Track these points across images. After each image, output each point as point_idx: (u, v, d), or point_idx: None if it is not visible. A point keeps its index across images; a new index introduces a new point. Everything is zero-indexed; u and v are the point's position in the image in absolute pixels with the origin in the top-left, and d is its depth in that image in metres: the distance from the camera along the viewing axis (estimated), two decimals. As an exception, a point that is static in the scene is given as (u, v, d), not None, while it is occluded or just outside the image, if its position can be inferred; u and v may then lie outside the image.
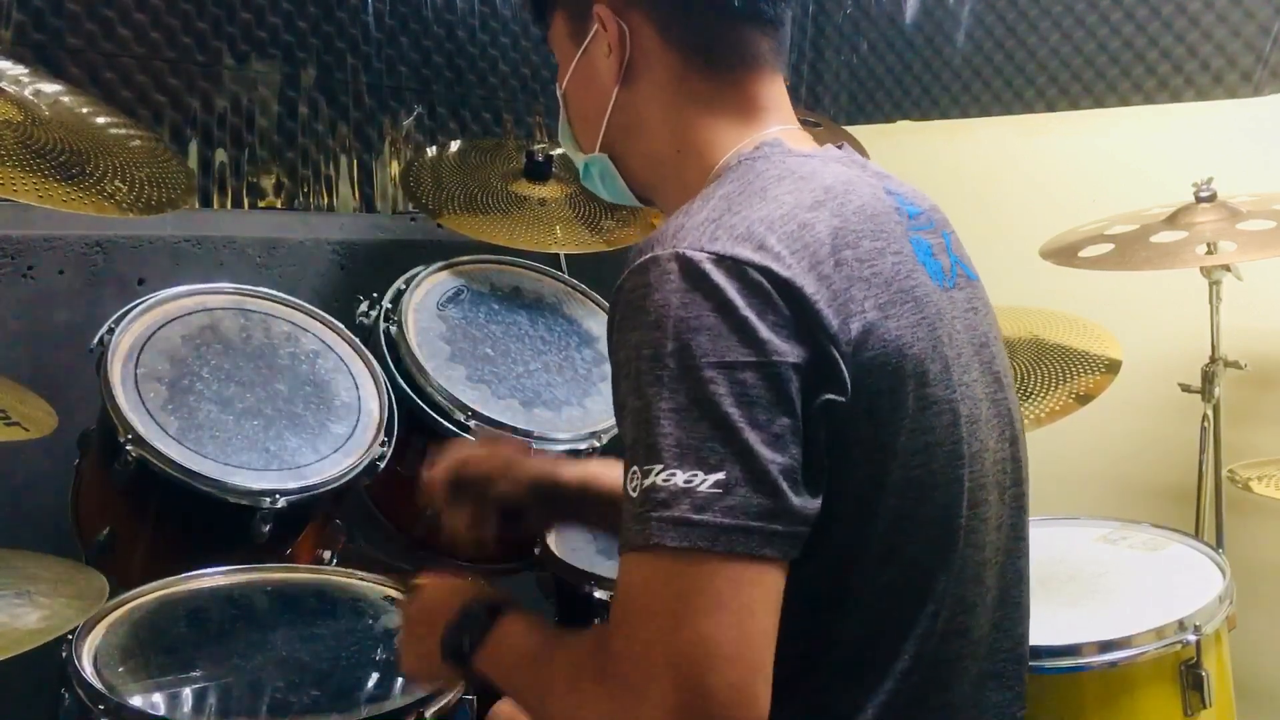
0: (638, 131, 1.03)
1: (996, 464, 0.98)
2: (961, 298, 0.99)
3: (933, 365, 0.90)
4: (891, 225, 0.94)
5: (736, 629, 0.77)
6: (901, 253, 0.93)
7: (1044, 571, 1.52)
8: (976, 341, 0.99)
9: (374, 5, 2.35)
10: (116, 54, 2.00)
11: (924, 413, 0.89)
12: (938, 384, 0.90)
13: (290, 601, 1.44)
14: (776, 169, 0.93)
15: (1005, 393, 1.02)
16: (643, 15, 0.99)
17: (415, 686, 1.23)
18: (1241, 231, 1.78)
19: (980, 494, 0.95)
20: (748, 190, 0.90)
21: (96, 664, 1.23)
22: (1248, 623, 1.66)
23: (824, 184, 0.92)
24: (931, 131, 2.76)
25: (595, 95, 1.04)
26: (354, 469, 1.64)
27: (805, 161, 0.96)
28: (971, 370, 0.96)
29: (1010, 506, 1.01)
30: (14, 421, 1.35)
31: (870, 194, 0.95)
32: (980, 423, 0.95)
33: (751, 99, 1.01)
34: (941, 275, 0.98)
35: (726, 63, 1.00)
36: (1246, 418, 2.18)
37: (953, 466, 0.91)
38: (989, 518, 0.96)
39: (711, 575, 0.78)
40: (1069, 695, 1.32)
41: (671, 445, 0.79)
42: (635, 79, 1.01)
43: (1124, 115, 2.46)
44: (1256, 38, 2.32)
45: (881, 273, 0.89)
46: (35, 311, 1.86)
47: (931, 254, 0.98)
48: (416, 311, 1.89)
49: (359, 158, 2.37)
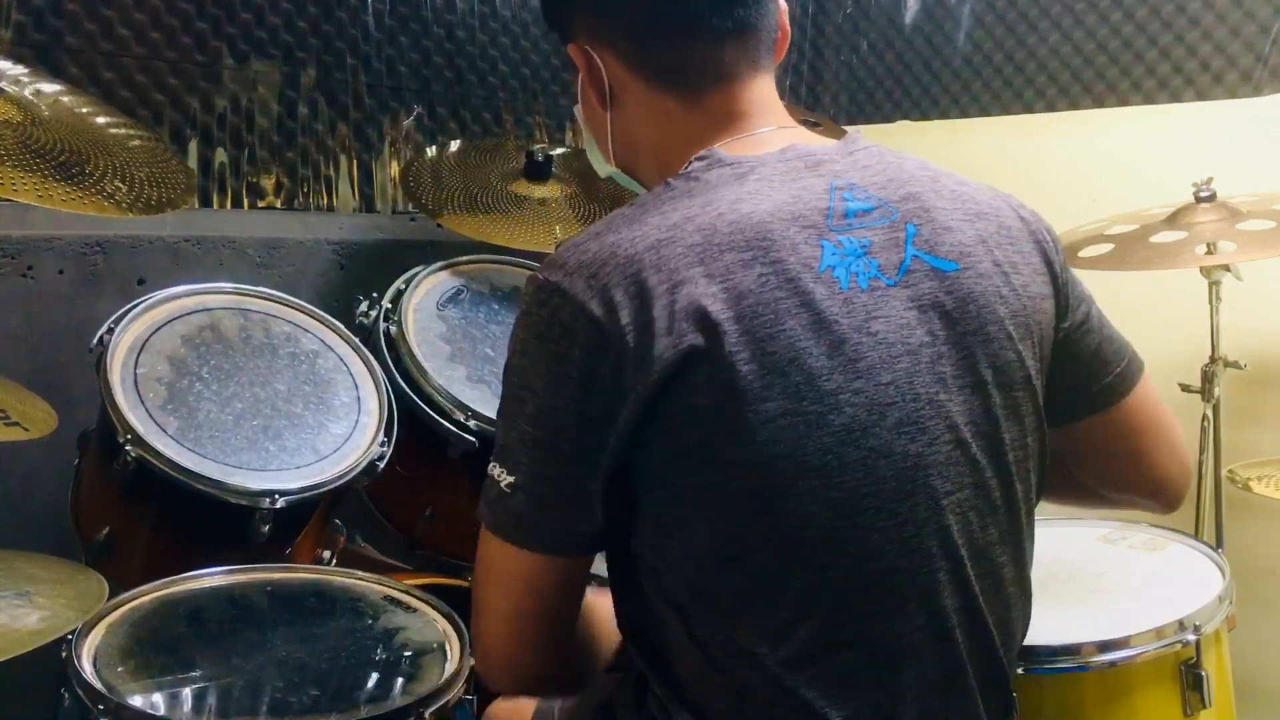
0: (637, 150, 1.09)
1: (922, 468, 0.94)
2: (904, 295, 0.95)
3: (780, 378, 0.89)
4: (782, 235, 0.92)
5: (507, 600, 1.00)
6: (781, 263, 0.91)
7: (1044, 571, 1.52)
8: (917, 340, 0.94)
9: (374, 5, 2.35)
10: (116, 54, 2.00)
11: (766, 425, 0.89)
12: (787, 395, 0.89)
13: (290, 601, 1.44)
14: (678, 188, 0.97)
15: (969, 391, 0.96)
16: (605, 48, 1.04)
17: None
18: (1241, 231, 1.78)
19: (866, 503, 0.92)
20: (630, 211, 0.96)
21: (96, 664, 1.23)
22: (1248, 623, 1.66)
23: (707, 199, 0.94)
24: (931, 131, 2.76)
25: (595, 119, 1.10)
26: (354, 469, 1.64)
27: (719, 174, 0.97)
28: (883, 373, 0.92)
29: (957, 512, 0.96)
30: (14, 422, 1.35)
31: (773, 205, 0.94)
32: (884, 428, 0.92)
33: (726, 109, 1.03)
34: (879, 273, 0.94)
35: (693, 80, 1.03)
36: (1246, 418, 2.18)
37: (806, 477, 0.90)
38: (889, 527, 0.93)
39: (502, 555, 0.98)
40: (1068, 695, 1.32)
41: (500, 441, 0.96)
42: (620, 104, 1.07)
43: (1124, 115, 2.46)
44: (1256, 38, 2.32)
45: (736, 286, 0.90)
46: (35, 311, 1.87)
47: (864, 253, 0.95)
48: (416, 311, 1.89)
49: (359, 158, 2.37)
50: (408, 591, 1.47)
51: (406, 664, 1.32)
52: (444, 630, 1.38)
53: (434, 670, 1.29)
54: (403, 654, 1.34)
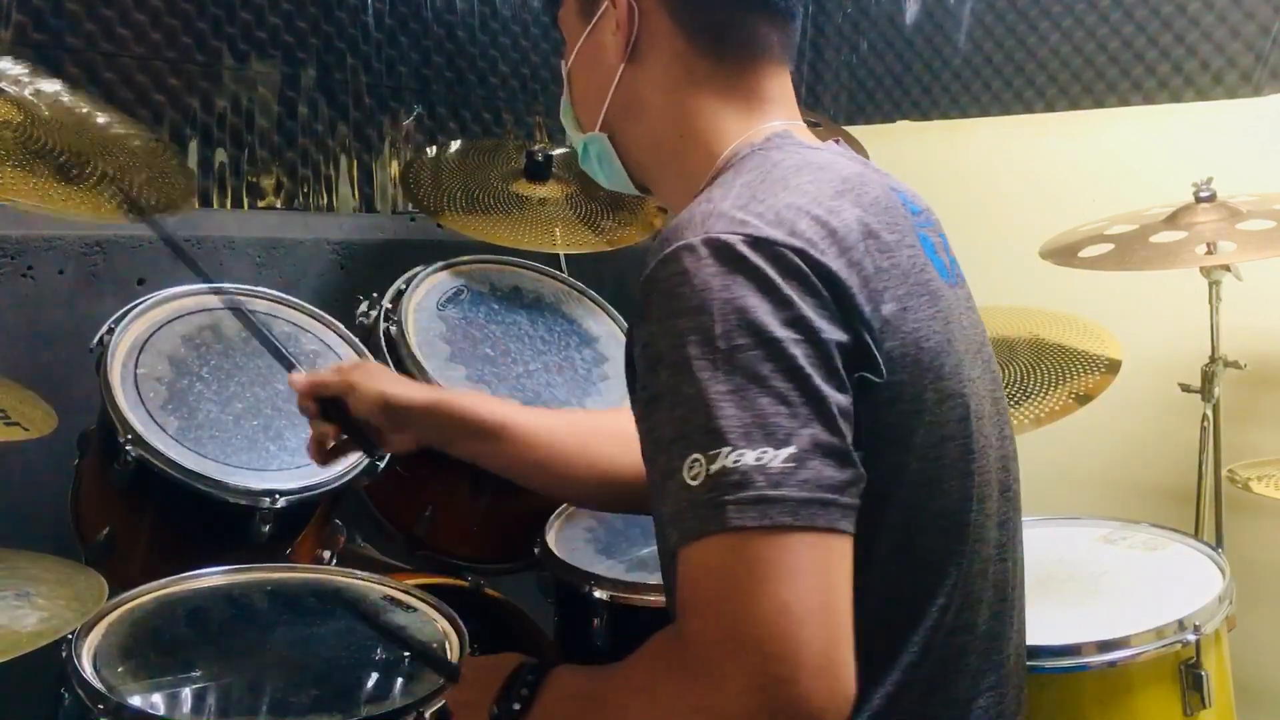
0: (639, 113, 1.03)
1: (997, 461, 0.99)
2: (963, 295, 1.01)
3: (947, 359, 0.90)
4: (903, 219, 0.95)
5: (819, 594, 0.75)
6: (915, 246, 0.94)
7: (1044, 571, 1.52)
8: (977, 339, 1.00)
9: (374, 5, 2.35)
10: (116, 54, 2.00)
11: (940, 406, 0.89)
12: (951, 378, 0.91)
13: (290, 601, 1.44)
14: (793, 159, 0.93)
15: (1000, 392, 1.03)
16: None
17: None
18: (1241, 231, 1.78)
19: (986, 489, 0.95)
20: (769, 178, 0.89)
21: (96, 664, 1.23)
22: (1248, 623, 1.66)
23: (842, 175, 0.93)
24: (931, 131, 2.76)
25: (599, 72, 1.03)
26: (354, 469, 1.63)
27: (818, 153, 0.96)
28: (975, 366, 0.97)
29: (1010, 505, 1.02)
30: (14, 422, 1.35)
31: (880, 188, 0.96)
32: (984, 419, 0.96)
33: (756, 89, 1.01)
34: (945, 273, 0.98)
35: (734, 50, 0.99)
36: (1246, 418, 2.18)
37: (965, 460, 0.92)
38: (992, 514, 0.97)
39: (791, 548, 0.75)
40: (1069, 695, 1.32)
41: (735, 426, 0.77)
42: (641, 58, 1.01)
43: (1124, 115, 2.46)
44: (1256, 38, 2.32)
45: (900, 264, 0.90)
46: (35, 311, 1.87)
47: (935, 251, 0.99)
48: (416, 311, 1.89)
49: (359, 158, 2.37)
50: (408, 591, 1.47)
51: (406, 664, 1.32)
52: (444, 630, 1.37)
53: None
54: (402, 654, 1.34)
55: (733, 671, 0.73)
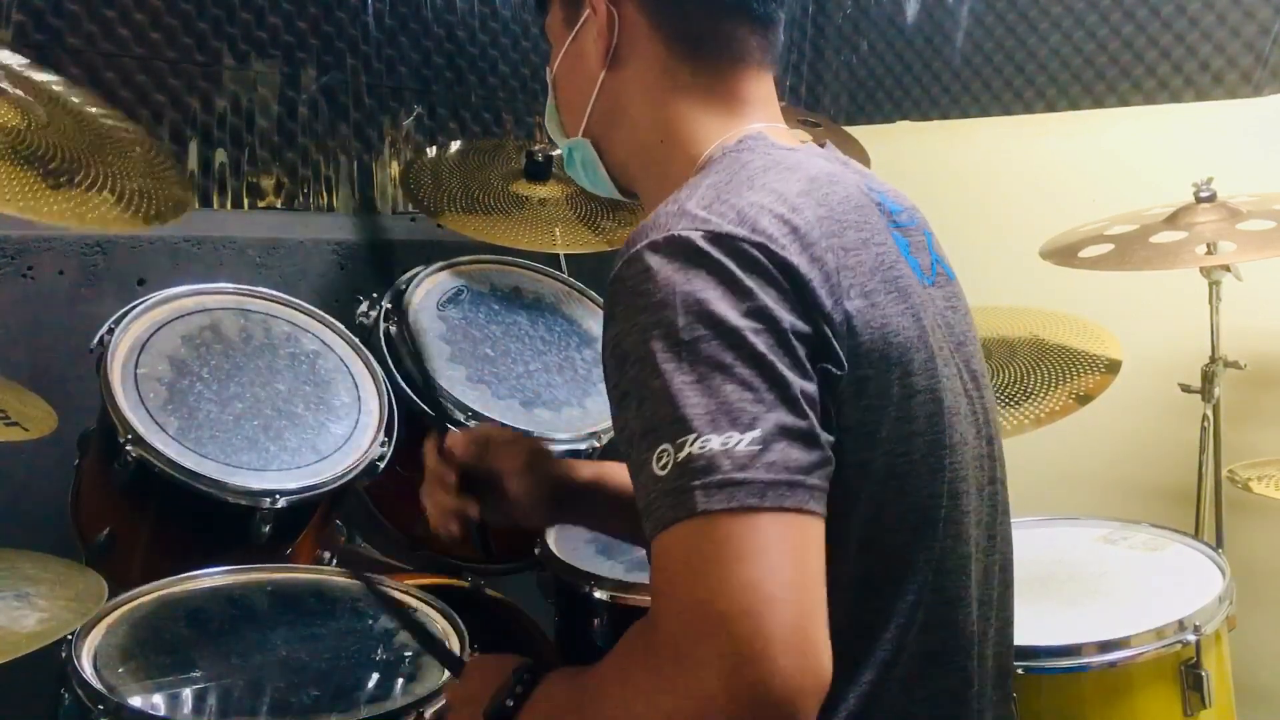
0: (622, 118, 1.05)
1: (975, 459, 0.98)
2: (940, 295, 1.01)
3: (917, 354, 0.91)
4: (874, 219, 0.95)
5: (789, 572, 0.74)
6: (885, 245, 0.94)
7: (1044, 571, 1.52)
8: (955, 339, 1.00)
9: (374, 5, 2.35)
10: (116, 54, 2.00)
11: (908, 401, 0.89)
12: (921, 374, 0.91)
13: (290, 601, 1.44)
14: (762, 159, 0.94)
15: (982, 391, 1.02)
16: (634, 2, 1.01)
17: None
18: (1241, 232, 1.78)
19: (960, 486, 0.95)
20: (735, 179, 0.91)
21: (96, 664, 1.23)
22: (1248, 623, 1.66)
23: (809, 174, 0.93)
24: (931, 131, 2.76)
25: (581, 79, 1.05)
26: (354, 469, 1.63)
27: (789, 154, 0.97)
28: (951, 364, 0.97)
29: (987, 504, 1.01)
30: (14, 422, 1.35)
31: (854, 187, 0.96)
32: (960, 416, 0.96)
33: (736, 94, 1.02)
34: (921, 272, 0.99)
35: (713, 56, 1.01)
36: (1246, 418, 2.18)
37: (934, 457, 0.91)
38: (969, 511, 0.96)
39: (759, 528, 0.75)
40: (1069, 695, 1.32)
41: (701, 413, 0.77)
42: (621, 65, 1.03)
43: (1124, 115, 2.46)
44: (1256, 38, 2.32)
45: (865, 262, 0.90)
46: (35, 311, 1.86)
47: (910, 250, 0.99)
48: (417, 312, 1.89)
49: (359, 158, 2.37)
50: (408, 591, 1.47)
51: (406, 664, 1.32)
52: (444, 630, 1.37)
53: (434, 670, 1.28)
54: (403, 654, 1.34)
55: (704, 653, 0.73)
